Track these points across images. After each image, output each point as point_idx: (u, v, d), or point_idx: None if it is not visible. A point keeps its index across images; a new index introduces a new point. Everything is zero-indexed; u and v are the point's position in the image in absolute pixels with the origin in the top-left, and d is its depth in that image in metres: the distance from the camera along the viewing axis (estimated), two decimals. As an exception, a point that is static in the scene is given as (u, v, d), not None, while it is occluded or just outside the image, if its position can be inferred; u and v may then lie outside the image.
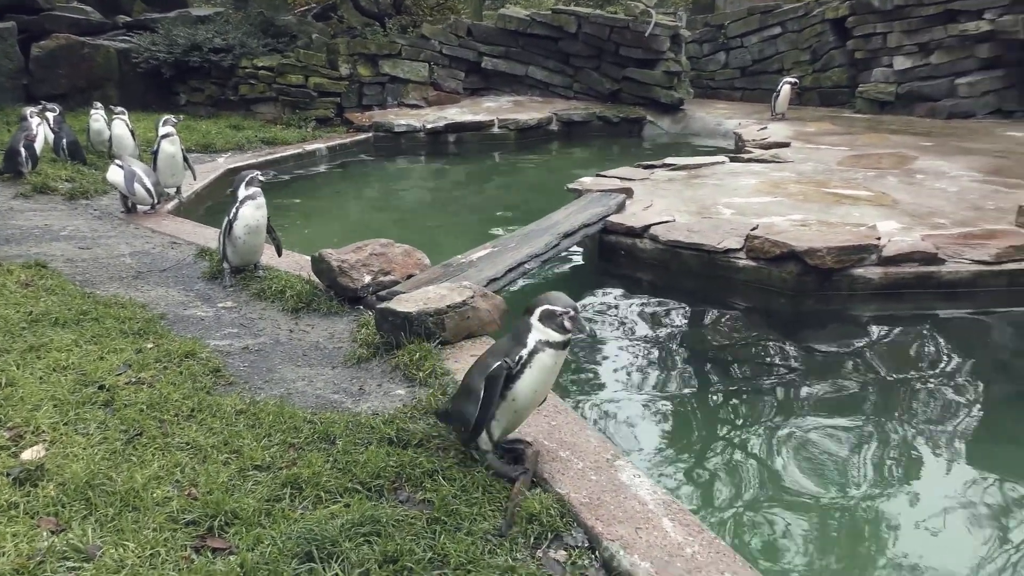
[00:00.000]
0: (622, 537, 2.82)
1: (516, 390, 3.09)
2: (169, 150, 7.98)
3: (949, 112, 14.79)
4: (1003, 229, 6.94)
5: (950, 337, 5.88)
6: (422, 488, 3.13)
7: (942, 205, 8.00)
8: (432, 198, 11.14)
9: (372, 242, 5.56)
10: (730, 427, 4.64)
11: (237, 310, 5.29)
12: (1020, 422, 4.82)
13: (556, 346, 3.08)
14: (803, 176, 9.52)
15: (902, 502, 3.88)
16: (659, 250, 6.84)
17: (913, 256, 6.27)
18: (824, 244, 6.15)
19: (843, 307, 6.24)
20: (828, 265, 6.10)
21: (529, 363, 3.06)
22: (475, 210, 10.00)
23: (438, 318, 4.44)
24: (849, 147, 11.65)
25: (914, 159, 10.59)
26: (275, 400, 3.91)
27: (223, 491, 3.03)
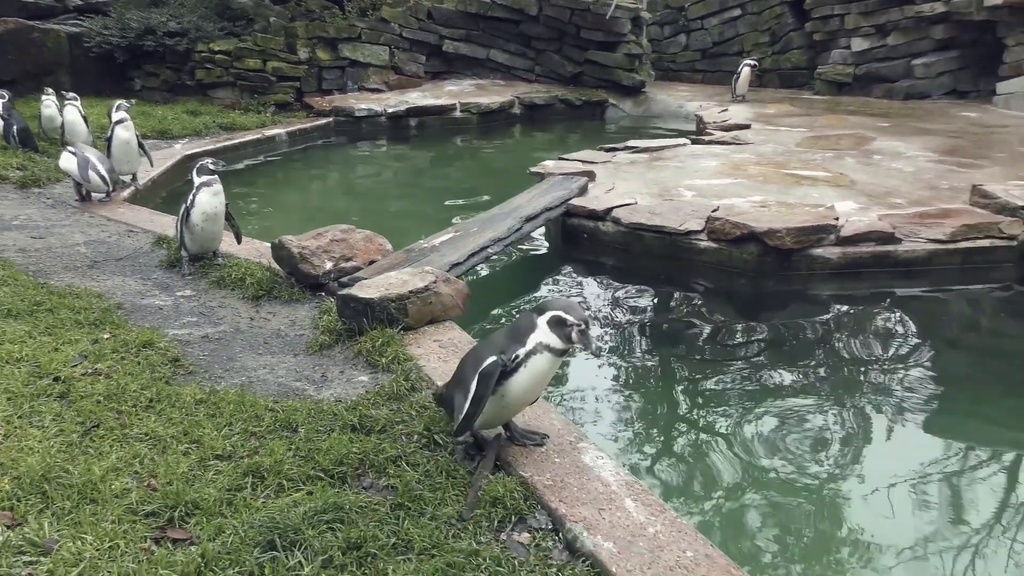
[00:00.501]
0: (585, 518, 2.84)
1: (508, 387, 3.05)
2: (123, 136, 7.82)
3: (906, 93, 15.01)
4: (957, 208, 7.08)
5: (907, 315, 6.00)
6: (386, 474, 3.13)
7: (898, 185, 8.12)
8: (394, 183, 11.06)
9: (333, 228, 5.52)
10: (693, 408, 4.69)
11: (196, 298, 5.23)
12: (976, 396, 4.93)
13: (555, 352, 3.02)
14: (763, 158, 9.61)
15: (863, 478, 3.95)
16: (621, 233, 6.87)
17: (870, 236, 6.37)
18: (783, 225, 6.22)
19: (803, 287, 6.32)
20: (787, 246, 6.17)
21: (525, 363, 3.00)
22: (437, 195, 9.95)
23: (400, 304, 4.42)
24: (808, 128, 11.77)
25: (871, 140, 10.73)
26: (236, 389, 3.88)
27: (183, 481, 3.00)
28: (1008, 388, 4.98)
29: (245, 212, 8.55)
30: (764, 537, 3.51)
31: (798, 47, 16.95)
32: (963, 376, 5.20)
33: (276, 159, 11.75)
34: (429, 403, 3.65)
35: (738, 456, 4.12)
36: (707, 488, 3.87)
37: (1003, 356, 5.46)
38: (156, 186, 8.90)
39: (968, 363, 5.43)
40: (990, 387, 5.02)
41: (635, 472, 3.86)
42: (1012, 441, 4.37)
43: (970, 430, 4.51)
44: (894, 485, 3.86)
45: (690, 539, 2.75)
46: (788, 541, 3.49)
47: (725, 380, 4.99)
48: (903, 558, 3.36)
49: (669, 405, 4.73)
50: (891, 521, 3.61)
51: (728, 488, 3.85)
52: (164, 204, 8.30)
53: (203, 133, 11.87)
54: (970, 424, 4.60)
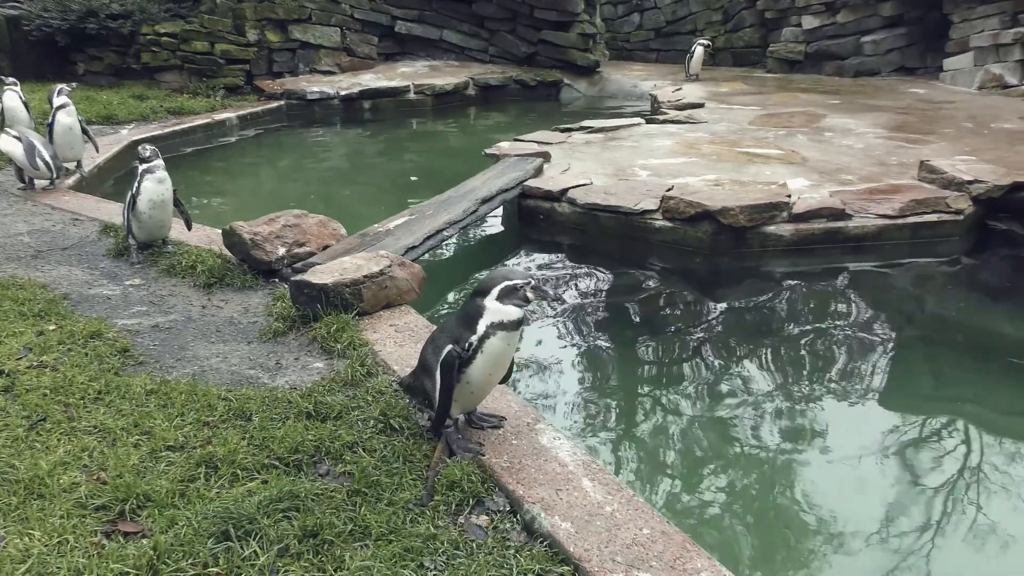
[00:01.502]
0: (543, 499, 2.85)
1: (469, 375, 3.04)
2: (66, 122, 7.61)
3: (856, 70, 15.22)
4: (906, 184, 7.21)
5: (859, 289, 6.10)
6: (342, 461, 3.11)
7: (849, 162, 8.24)
8: (348, 167, 10.95)
9: (286, 213, 5.45)
10: (650, 386, 4.73)
11: (146, 287, 5.13)
12: (926, 366, 5.04)
13: (510, 327, 3.00)
14: (717, 136, 9.68)
15: (820, 453, 4.02)
16: (577, 213, 6.88)
17: (822, 212, 6.46)
18: (737, 203, 6.28)
19: (757, 264, 6.40)
20: (741, 223, 6.24)
21: (480, 348, 2.99)
22: (392, 178, 9.88)
23: (355, 289, 4.39)
24: (761, 107, 11.88)
25: (823, 117, 10.87)
26: (188, 378, 3.82)
27: (134, 474, 2.96)
28: (959, 358, 5.11)
29: (195, 198, 8.40)
30: (720, 513, 3.56)
31: (750, 25, 17.08)
32: (915, 347, 5.32)
33: (227, 144, 11.55)
34: (386, 388, 3.63)
35: (695, 434, 4.17)
36: (664, 467, 3.91)
37: (953, 327, 5.59)
38: (102, 173, 8.69)
39: (920, 335, 5.56)
40: (942, 357, 5.14)
41: (592, 452, 3.89)
42: (964, 411, 4.48)
43: (924, 400, 4.62)
44: (851, 459, 3.93)
45: (647, 517, 2.77)
46: (744, 518, 3.55)
47: (682, 359, 5.04)
48: (860, 532, 3.43)
49: (627, 385, 4.77)
50: (848, 496, 3.69)
51: (685, 466, 3.90)
52: (111, 191, 8.12)
53: (151, 118, 11.62)
54: (924, 394, 4.71)
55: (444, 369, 3.01)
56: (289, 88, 13.68)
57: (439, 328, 3.27)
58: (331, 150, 11.95)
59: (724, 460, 3.94)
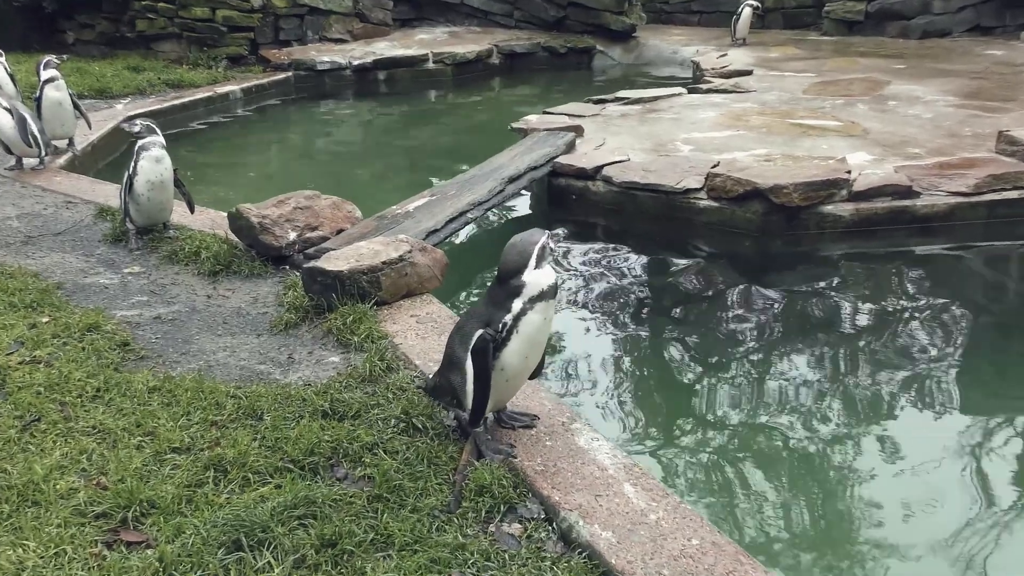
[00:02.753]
0: (581, 506, 2.84)
1: (503, 361, 3.04)
2: (55, 96, 7.66)
3: (923, 31, 14.97)
4: (982, 157, 7.09)
5: (927, 275, 6.03)
6: (361, 463, 3.12)
7: (916, 133, 8.12)
8: (362, 143, 10.97)
9: (296, 195, 5.47)
10: (695, 383, 4.70)
11: (146, 275, 5.18)
12: (1002, 361, 4.97)
13: (548, 294, 3.01)
14: (767, 106, 9.58)
15: (883, 458, 3.97)
16: (613, 193, 6.84)
17: (885, 190, 6.38)
18: (790, 180, 6.22)
19: (812, 247, 6.33)
20: (795, 203, 6.17)
21: (516, 328, 2.99)
22: (410, 155, 9.88)
23: (373, 276, 4.40)
24: (816, 73, 11.75)
25: (886, 84, 10.72)
26: (193, 374, 3.85)
27: (137, 478, 2.99)
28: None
29: (198, 179, 8.45)
30: (776, 523, 3.53)
31: (803, -17, 16.86)
32: (992, 341, 5.24)
33: (231, 119, 11.61)
34: (407, 384, 3.64)
35: (745, 436, 4.14)
36: (713, 471, 3.89)
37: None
38: (96, 151, 8.77)
39: (997, 326, 5.47)
40: (1019, 355, 5.06)
41: (634, 455, 3.87)
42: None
43: (1004, 400, 4.55)
44: (921, 467, 3.87)
45: (696, 526, 2.76)
46: (802, 527, 3.52)
47: (730, 352, 5.00)
48: (930, 547, 3.39)
49: (669, 380, 4.74)
50: (918, 507, 3.62)
51: (735, 471, 3.87)
52: (106, 171, 8.19)
53: (147, 91, 11.70)
54: (1003, 393, 4.64)
55: (477, 355, 3.00)
56: (297, 58, 13.71)
57: (464, 316, 3.27)
58: (343, 125, 11.98)
59: (778, 464, 3.90)
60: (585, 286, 5.86)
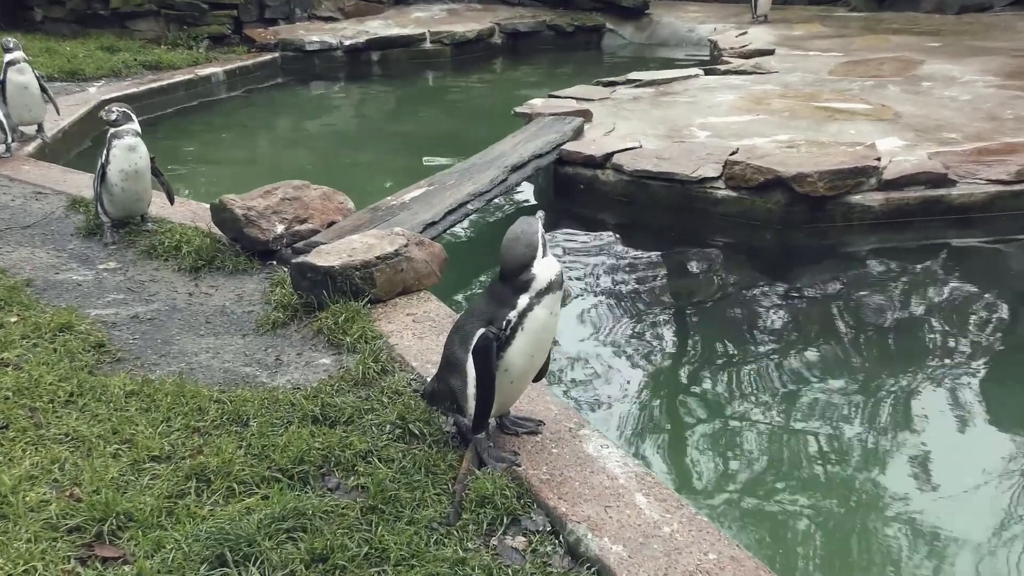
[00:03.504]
0: (589, 518, 2.85)
1: (508, 361, 3.04)
2: (19, 80, 7.65)
3: (961, 5, 14.94)
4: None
5: (964, 270, 6.02)
6: (354, 472, 3.13)
7: (952, 117, 8.12)
8: (354, 130, 10.97)
9: (284, 185, 5.48)
10: (712, 386, 4.71)
11: (123, 272, 5.19)
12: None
13: (555, 286, 3.01)
14: (790, 89, 9.58)
15: (913, 470, 3.97)
16: (624, 182, 6.85)
17: (919, 178, 6.38)
18: (815, 168, 6.22)
19: (839, 241, 6.34)
20: (820, 192, 6.17)
21: (521, 325, 3.00)
22: (406, 142, 9.89)
23: (366, 272, 4.41)
24: (843, 52, 11.74)
25: (919, 64, 10.72)
26: (174, 377, 3.86)
27: (113, 489, 2.99)
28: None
29: (178, 168, 8.47)
30: (798, 536, 3.54)
31: (830, -44, 16.84)
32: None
33: (213, 104, 11.62)
34: (404, 387, 3.65)
35: (766, 443, 4.14)
36: (730, 480, 3.90)
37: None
38: (68, 138, 8.79)
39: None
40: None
41: (646, 463, 3.88)
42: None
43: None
44: (950, 477, 3.88)
45: (712, 539, 2.77)
46: (826, 541, 3.52)
47: (748, 354, 5.01)
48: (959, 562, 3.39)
49: (684, 384, 4.75)
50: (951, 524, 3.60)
51: (755, 479, 3.88)
52: (79, 159, 8.20)
53: (123, 73, 11.71)
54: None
55: (479, 356, 3.00)
56: (284, 38, 13.72)
57: (464, 315, 3.27)
58: (334, 110, 11.99)
59: (803, 474, 3.91)
60: (593, 283, 5.87)
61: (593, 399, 4.52)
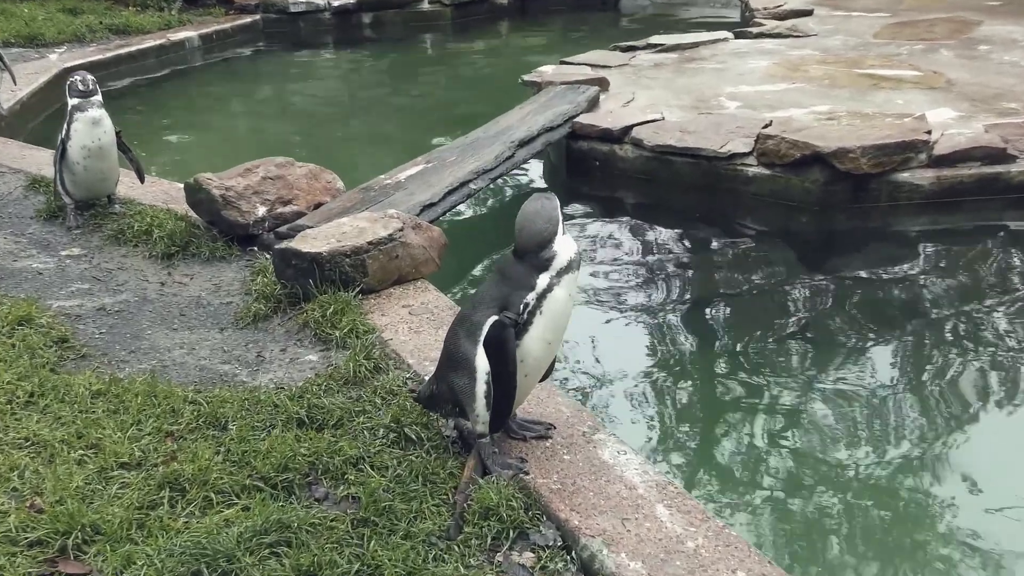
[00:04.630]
0: (605, 531, 2.86)
1: (524, 350, 3.04)
2: (-31, 48, 7.69)
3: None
4: (1089, 114, 7.07)
5: (1023, 255, 6.01)
6: (344, 481, 3.14)
7: (1014, 84, 8.08)
8: (344, 101, 10.97)
9: (266, 162, 5.49)
10: (741, 387, 4.70)
11: (87, 259, 5.21)
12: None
13: (574, 265, 3.01)
14: (829, 54, 9.55)
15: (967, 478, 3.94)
16: (644, 158, 6.84)
17: (974, 153, 6.35)
18: (858, 143, 6.20)
19: (884, 223, 6.33)
20: (863, 170, 6.16)
21: (540, 308, 2.99)
22: (401, 115, 9.89)
23: (357, 259, 4.41)
24: (890, 12, 11.69)
25: (976, 25, 10.66)
26: (145, 376, 3.87)
27: (78, 499, 3.00)
28: None
29: (149, 144, 8.48)
30: (839, 553, 3.54)
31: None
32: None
33: (188, 72, 11.64)
34: (398, 387, 3.66)
35: (803, 449, 4.14)
36: (762, 490, 3.90)
37: None
38: (26, 111, 8.82)
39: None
40: None
41: (668, 471, 3.89)
42: None
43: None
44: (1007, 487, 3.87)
45: (742, 555, 2.77)
46: (870, 560, 3.53)
47: (782, 350, 5.00)
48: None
49: (710, 384, 4.75)
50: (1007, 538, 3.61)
51: (790, 490, 3.88)
52: (39, 134, 8.23)
53: (87, 38, 11.73)
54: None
55: (494, 345, 2.98)
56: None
57: (468, 306, 3.25)
58: (322, 79, 11.98)
59: (843, 484, 3.90)
60: (609, 271, 5.87)
61: (610, 400, 4.53)
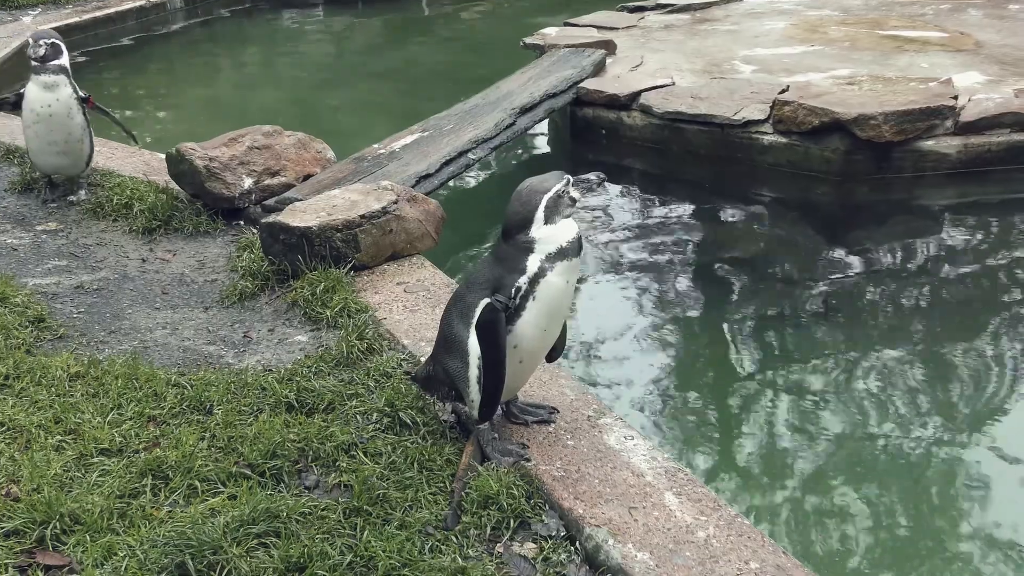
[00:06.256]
0: (611, 520, 2.86)
1: (517, 334, 3.04)
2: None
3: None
4: None
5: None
6: (336, 468, 3.15)
7: (1044, 47, 8.07)
8: (335, 66, 10.93)
9: (252, 131, 5.48)
10: (755, 368, 4.71)
11: (64, 234, 5.20)
12: None
13: (570, 251, 3.00)
14: (850, 14, 9.51)
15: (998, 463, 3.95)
16: (653, 126, 6.83)
17: (1004, 119, 6.33)
18: (880, 109, 6.17)
19: (908, 195, 6.31)
20: (886, 137, 6.13)
21: (532, 293, 3.00)
22: (396, 80, 9.85)
23: (348, 233, 4.41)
24: (915, -30, 11.64)
25: (1005, -16, 10.62)
26: (125, 357, 3.87)
27: (57, 487, 3.01)
28: None
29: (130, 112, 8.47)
30: (856, 542, 3.54)
31: None
32: None
33: (170, 35, 11.59)
34: (393, 369, 3.66)
35: (820, 433, 4.14)
36: (777, 477, 3.90)
37: None
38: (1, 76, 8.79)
39: None
40: None
41: (677, 456, 3.90)
42: None
43: None
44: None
45: (755, 545, 2.78)
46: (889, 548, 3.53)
47: (800, 330, 5.00)
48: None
49: (722, 365, 4.75)
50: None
51: (806, 476, 3.89)
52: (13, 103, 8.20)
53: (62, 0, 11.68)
54: None
55: (484, 330, 2.99)
56: (252, -44, 13.67)
57: (463, 284, 3.26)
58: (312, 42, 11.94)
59: (860, 470, 3.91)
60: (616, 245, 5.86)
61: (616, 382, 4.53)
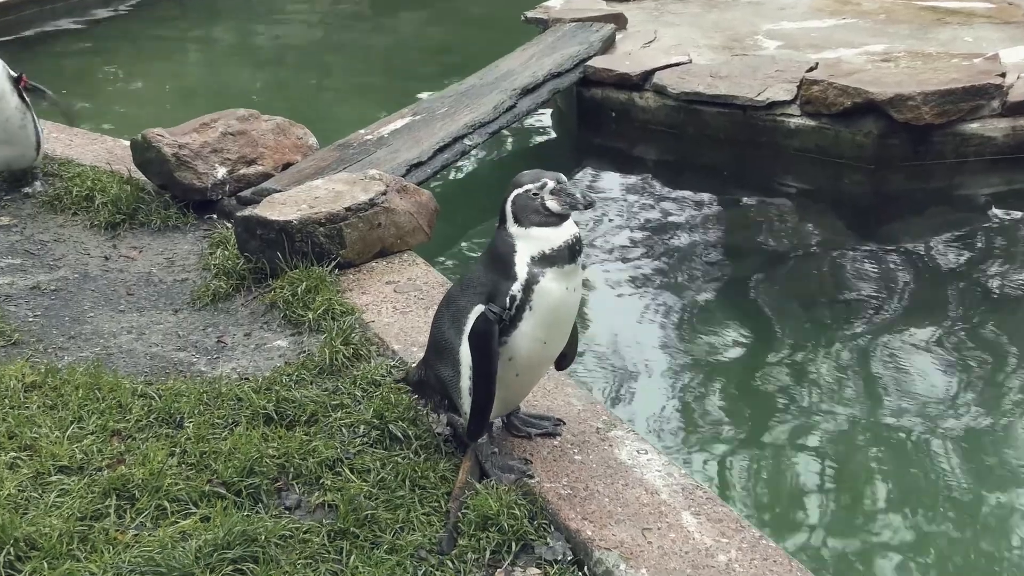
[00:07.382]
0: (623, 543, 2.86)
1: (512, 347, 3.03)
2: None
3: None
4: None
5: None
6: (319, 487, 3.15)
7: (1099, 19, 8.07)
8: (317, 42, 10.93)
9: (226, 115, 5.48)
10: (781, 374, 4.70)
11: (19, 229, 5.20)
12: None
13: (561, 258, 2.96)
14: (886, -17, 9.52)
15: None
16: (669, 108, 6.83)
17: (1055, 100, 6.34)
18: (919, 88, 6.16)
19: (949, 183, 6.32)
20: (925, 119, 6.13)
21: (528, 302, 2.98)
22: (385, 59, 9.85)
23: (332, 228, 4.41)
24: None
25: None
26: (87, 365, 3.87)
27: (11, 509, 3.00)
28: None
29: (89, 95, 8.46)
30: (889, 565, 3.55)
31: None
32: None
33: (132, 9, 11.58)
34: (382, 377, 3.66)
35: (854, 446, 4.14)
36: (804, 495, 3.91)
37: None
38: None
39: None
40: None
41: (695, 472, 3.89)
42: None
43: None
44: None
45: (781, 569, 2.78)
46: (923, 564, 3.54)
47: (830, 331, 4.99)
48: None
49: (744, 371, 4.74)
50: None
51: (837, 494, 3.89)
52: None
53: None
54: None
55: (476, 340, 2.99)
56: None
57: (458, 284, 3.26)
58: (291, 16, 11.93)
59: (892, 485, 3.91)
60: (627, 239, 5.86)
61: (627, 392, 4.54)
